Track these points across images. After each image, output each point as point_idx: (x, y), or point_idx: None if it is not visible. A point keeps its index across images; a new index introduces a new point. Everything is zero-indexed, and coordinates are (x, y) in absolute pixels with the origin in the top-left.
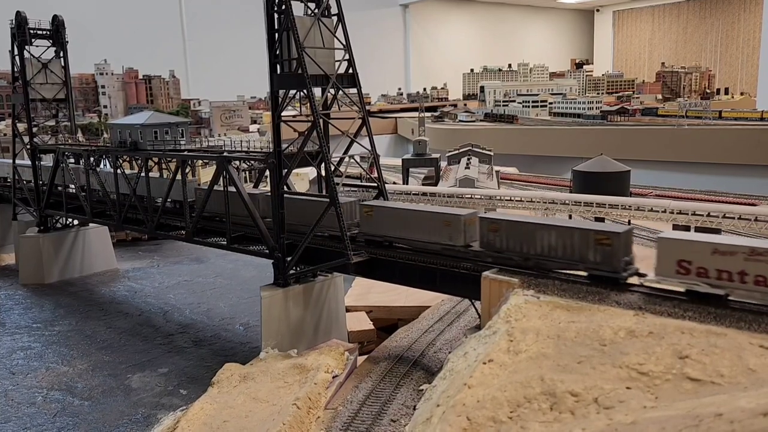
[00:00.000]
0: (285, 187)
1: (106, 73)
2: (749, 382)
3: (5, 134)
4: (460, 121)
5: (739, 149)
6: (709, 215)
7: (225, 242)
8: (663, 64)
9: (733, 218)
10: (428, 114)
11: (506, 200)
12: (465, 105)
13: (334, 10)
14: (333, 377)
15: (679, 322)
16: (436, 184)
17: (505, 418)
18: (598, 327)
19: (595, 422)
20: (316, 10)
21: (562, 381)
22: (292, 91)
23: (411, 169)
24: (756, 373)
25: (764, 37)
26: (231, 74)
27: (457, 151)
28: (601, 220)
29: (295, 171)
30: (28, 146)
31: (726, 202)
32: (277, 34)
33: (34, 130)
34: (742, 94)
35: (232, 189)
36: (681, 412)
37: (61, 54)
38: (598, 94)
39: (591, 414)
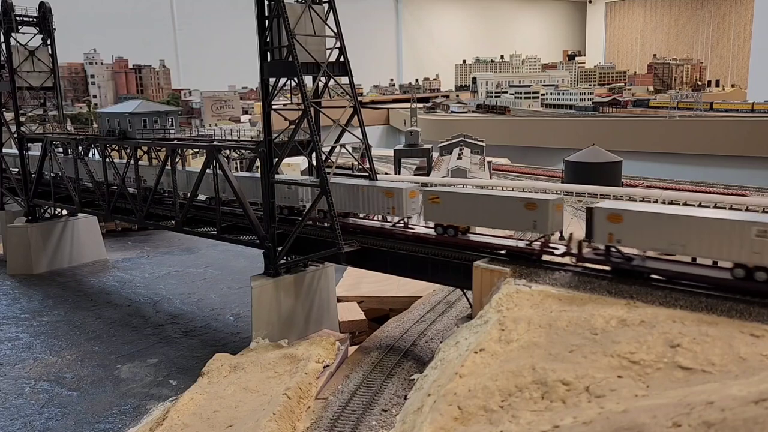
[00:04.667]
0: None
1: (96, 63)
2: (740, 370)
3: None
4: (452, 112)
5: (730, 141)
6: (700, 205)
7: (215, 232)
8: (655, 56)
9: (724, 208)
10: (420, 105)
11: (498, 190)
12: (457, 96)
13: None
14: (324, 367)
15: (670, 311)
16: (428, 175)
17: (496, 407)
18: (590, 316)
19: (587, 411)
20: None
21: (553, 370)
22: (283, 81)
23: (403, 160)
24: (747, 361)
25: (755, 30)
26: (222, 64)
27: (449, 142)
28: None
29: (286, 161)
30: (16, 135)
31: (717, 193)
32: (267, 21)
33: (22, 119)
34: (732, 86)
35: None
36: (672, 400)
37: (48, 42)
38: (590, 85)
39: (582, 402)
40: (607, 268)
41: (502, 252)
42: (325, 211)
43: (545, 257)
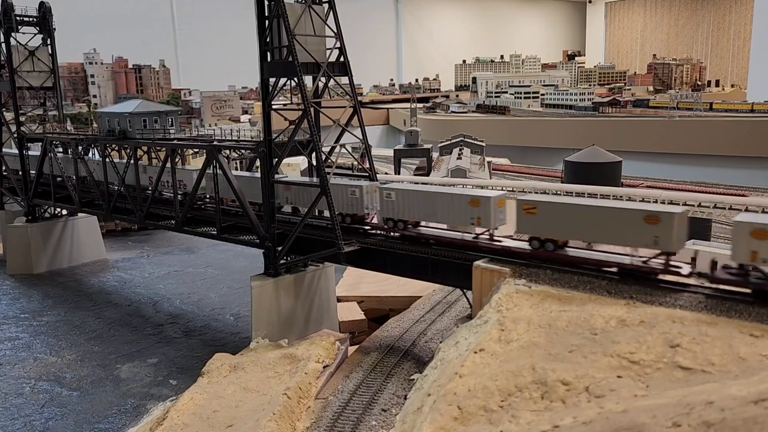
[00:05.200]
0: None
1: (96, 63)
2: (739, 370)
3: None
4: (452, 112)
5: (730, 141)
6: (700, 205)
7: (215, 232)
8: (654, 56)
9: (724, 209)
10: (420, 105)
11: (498, 191)
12: (457, 96)
13: None
14: (324, 367)
15: (670, 311)
16: (427, 175)
17: (496, 407)
18: (590, 316)
19: (587, 411)
20: None
21: (553, 370)
22: (283, 81)
23: (402, 160)
24: (746, 361)
25: (755, 30)
26: (222, 64)
27: (449, 142)
28: None
29: (286, 161)
30: (15, 135)
31: (716, 193)
32: (267, 21)
33: (22, 119)
34: (732, 86)
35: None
36: (672, 400)
37: (48, 41)
38: (589, 85)
39: (582, 402)
40: (748, 290)
41: (613, 270)
42: (395, 219)
43: (666, 277)
